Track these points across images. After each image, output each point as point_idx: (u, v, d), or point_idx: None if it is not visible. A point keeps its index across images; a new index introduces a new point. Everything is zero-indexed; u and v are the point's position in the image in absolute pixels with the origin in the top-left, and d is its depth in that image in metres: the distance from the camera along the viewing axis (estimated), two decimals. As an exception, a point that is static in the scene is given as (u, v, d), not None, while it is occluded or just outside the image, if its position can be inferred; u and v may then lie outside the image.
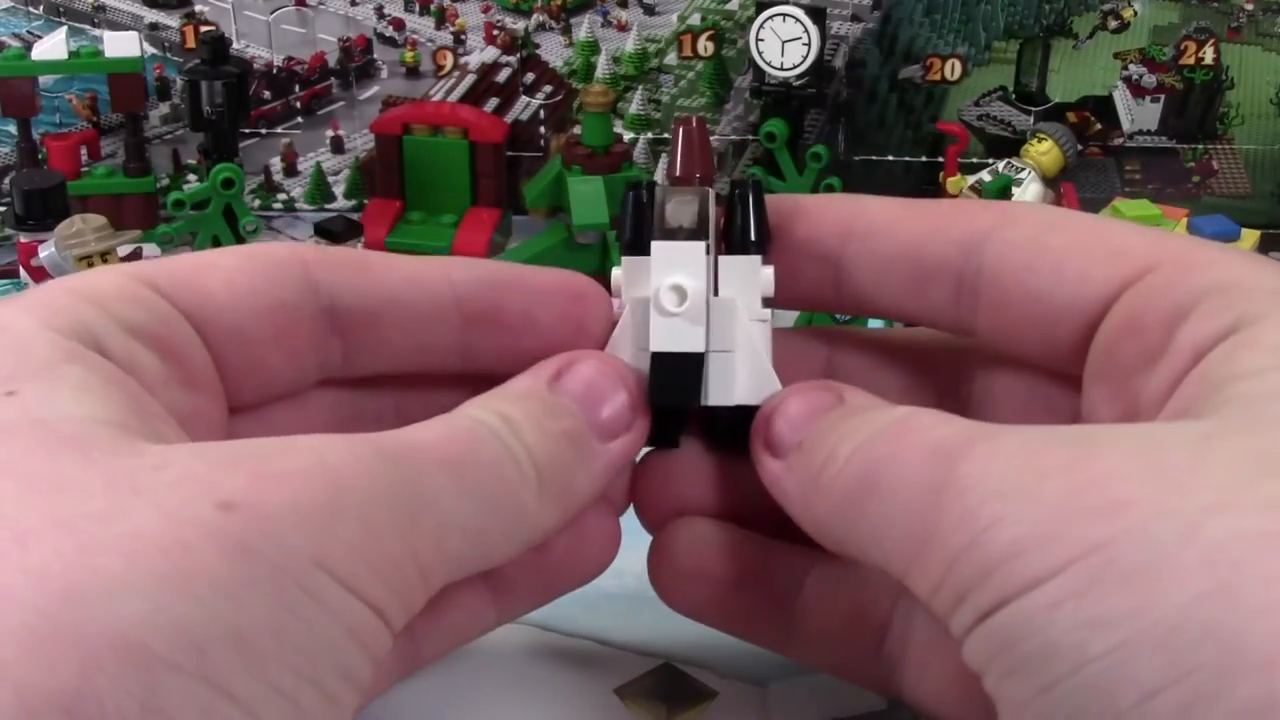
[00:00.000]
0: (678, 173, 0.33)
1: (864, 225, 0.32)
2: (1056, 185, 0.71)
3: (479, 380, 0.32)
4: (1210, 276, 0.27)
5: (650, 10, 0.78)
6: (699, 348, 0.31)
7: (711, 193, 0.32)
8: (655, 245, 0.31)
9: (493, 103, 0.77)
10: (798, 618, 0.33)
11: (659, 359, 0.31)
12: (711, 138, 0.80)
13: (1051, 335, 0.30)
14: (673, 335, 0.31)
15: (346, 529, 0.24)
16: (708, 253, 0.31)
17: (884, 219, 0.32)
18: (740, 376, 0.32)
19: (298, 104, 0.79)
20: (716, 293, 0.32)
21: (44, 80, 0.73)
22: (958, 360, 0.34)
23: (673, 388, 0.31)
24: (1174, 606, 0.21)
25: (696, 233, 0.31)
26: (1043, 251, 0.30)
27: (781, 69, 0.71)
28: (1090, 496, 0.23)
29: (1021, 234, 0.30)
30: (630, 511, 0.34)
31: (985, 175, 0.70)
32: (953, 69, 0.76)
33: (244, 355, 0.30)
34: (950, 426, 0.26)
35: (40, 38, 0.73)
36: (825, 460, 0.28)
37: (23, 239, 0.63)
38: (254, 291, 0.30)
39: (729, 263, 0.32)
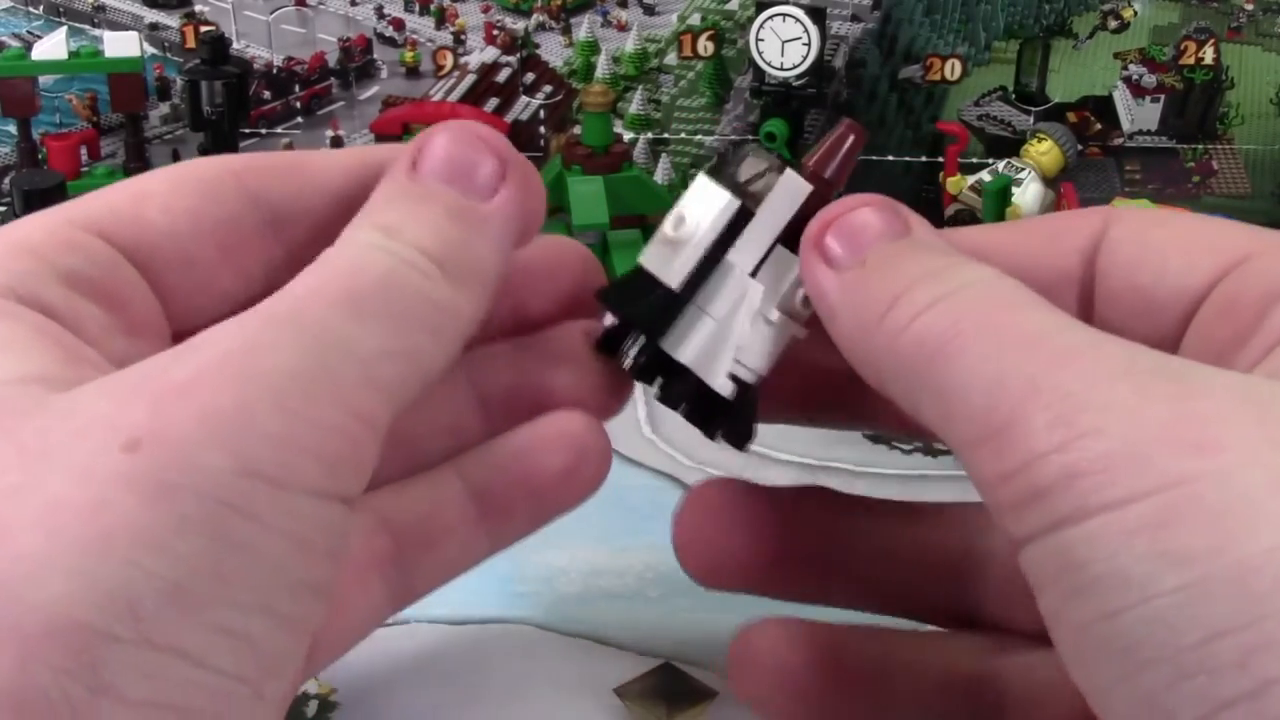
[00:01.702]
0: (810, 162, 0.32)
1: (973, 252, 0.31)
2: (1056, 185, 0.71)
3: None
4: None
5: (650, 10, 0.78)
6: (671, 283, 0.31)
7: (790, 176, 0.31)
8: (700, 176, 0.31)
9: (493, 103, 0.77)
10: (885, 697, 0.33)
11: (640, 270, 0.31)
12: (710, 138, 0.80)
13: (1155, 326, 0.30)
14: (658, 257, 0.31)
15: (266, 421, 0.23)
16: (740, 215, 0.31)
17: (991, 244, 0.31)
18: (699, 341, 0.31)
19: (298, 104, 0.79)
20: (754, 274, 0.31)
21: (44, 80, 0.73)
22: None
23: (633, 301, 0.31)
24: (1251, 552, 0.21)
25: (738, 191, 0.31)
26: (1146, 245, 0.30)
27: (781, 69, 0.71)
28: (1189, 430, 0.22)
29: (1127, 230, 0.30)
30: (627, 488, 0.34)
31: (985, 175, 0.70)
32: (953, 69, 0.76)
33: (191, 280, 0.29)
34: (1048, 316, 0.26)
35: (40, 38, 0.73)
36: (896, 298, 0.27)
37: (23, 239, 0.63)
38: (193, 212, 0.29)
39: (780, 255, 0.31)
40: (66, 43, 0.71)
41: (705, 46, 0.77)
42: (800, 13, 0.69)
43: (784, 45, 0.70)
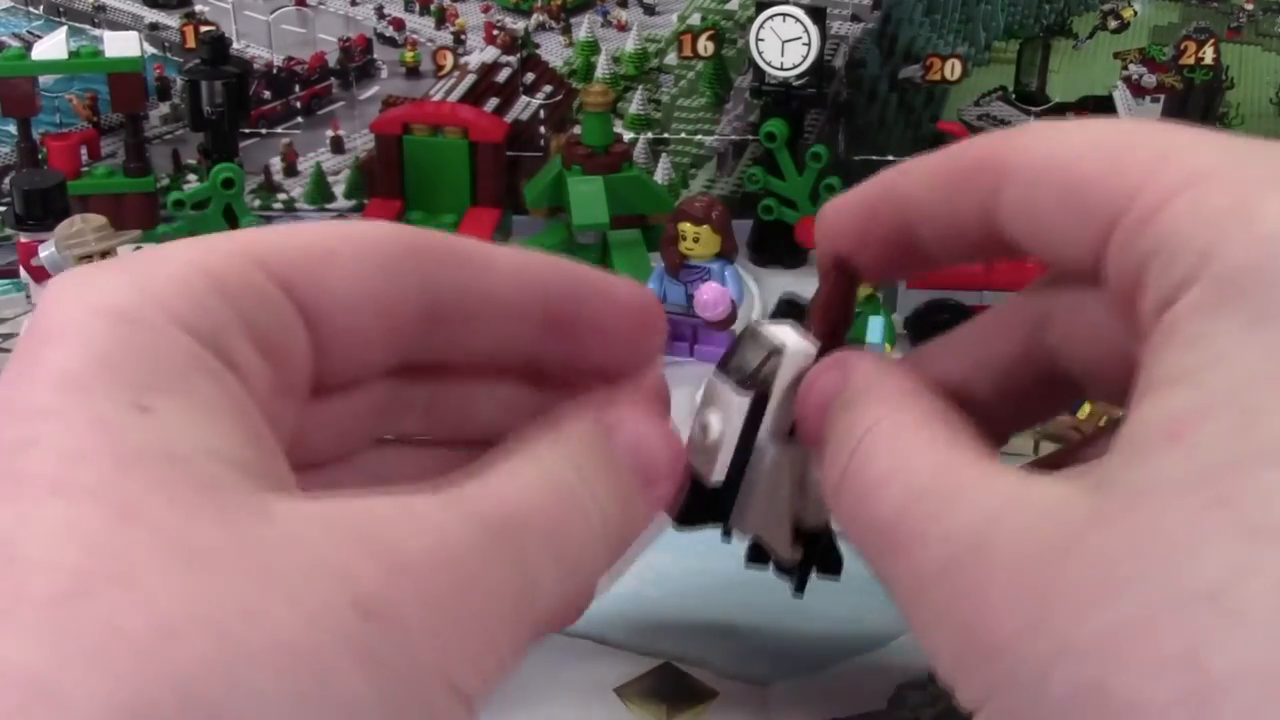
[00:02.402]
0: (811, 325, 0.32)
1: (910, 215, 0.31)
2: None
3: (517, 373, 0.32)
4: (1165, 221, 0.25)
5: (650, 10, 0.78)
6: (717, 481, 0.32)
7: (791, 353, 0.32)
8: (711, 378, 0.32)
9: (493, 103, 0.77)
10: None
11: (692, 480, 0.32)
12: (711, 138, 0.80)
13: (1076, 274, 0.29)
14: (698, 462, 0.32)
15: (472, 635, 0.24)
16: (757, 403, 0.32)
17: (918, 199, 0.31)
18: (758, 515, 0.33)
19: (298, 104, 0.79)
20: (793, 433, 0.32)
21: (44, 80, 0.73)
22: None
23: (692, 505, 0.32)
24: None
25: (748, 384, 0.32)
26: (1031, 216, 0.28)
27: (781, 69, 0.71)
28: (978, 635, 0.24)
29: (1013, 195, 0.29)
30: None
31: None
32: (953, 69, 0.76)
33: (350, 350, 0.29)
34: (908, 484, 0.27)
35: (40, 38, 0.73)
36: (829, 474, 0.29)
37: (23, 239, 0.63)
38: (373, 292, 0.29)
39: None
40: (66, 43, 0.71)
41: (705, 46, 0.77)
42: (800, 13, 0.70)
43: (784, 45, 0.70)
